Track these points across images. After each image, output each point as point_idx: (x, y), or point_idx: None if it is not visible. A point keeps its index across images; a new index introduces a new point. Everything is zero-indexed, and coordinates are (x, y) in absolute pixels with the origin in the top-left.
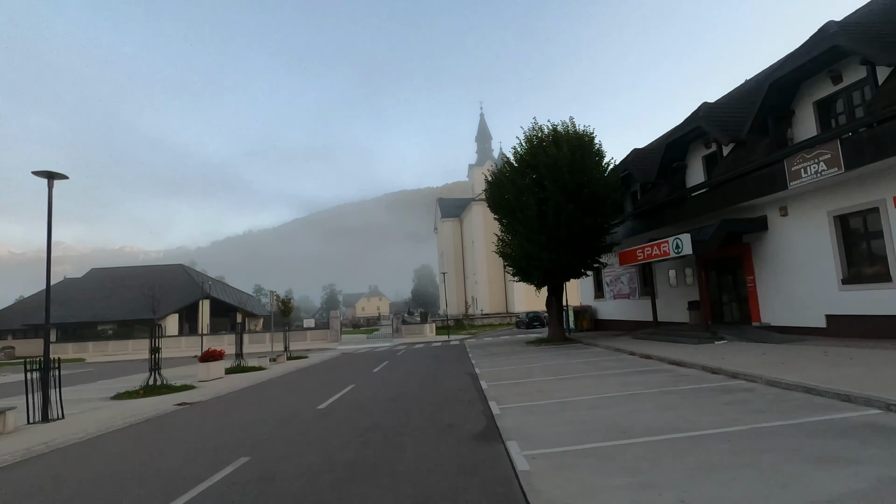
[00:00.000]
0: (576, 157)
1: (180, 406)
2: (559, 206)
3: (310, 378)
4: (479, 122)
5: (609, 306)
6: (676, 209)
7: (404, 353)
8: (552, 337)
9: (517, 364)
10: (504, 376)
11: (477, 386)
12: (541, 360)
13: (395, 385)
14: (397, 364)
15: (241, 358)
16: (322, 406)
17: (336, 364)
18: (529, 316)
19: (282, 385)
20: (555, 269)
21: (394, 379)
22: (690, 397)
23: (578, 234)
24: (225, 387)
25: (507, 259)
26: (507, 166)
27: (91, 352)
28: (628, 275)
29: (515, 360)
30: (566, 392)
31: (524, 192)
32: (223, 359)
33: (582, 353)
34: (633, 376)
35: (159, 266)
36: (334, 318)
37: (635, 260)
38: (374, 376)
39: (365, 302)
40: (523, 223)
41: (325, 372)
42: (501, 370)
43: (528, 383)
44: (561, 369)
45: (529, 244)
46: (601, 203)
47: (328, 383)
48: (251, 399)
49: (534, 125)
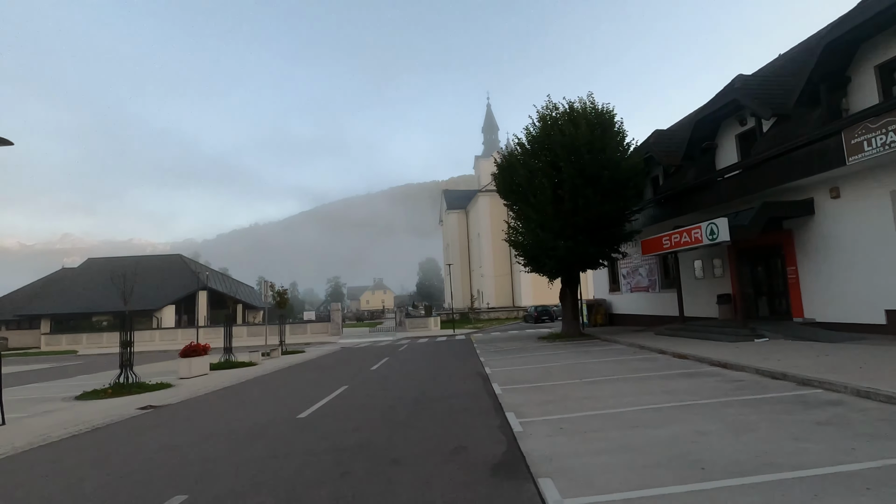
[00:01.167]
0: (595, 137)
1: (144, 410)
2: (576, 190)
3: (300, 376)
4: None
5: (625, 300)
6: (705, 193)
7: (407, 349)
8: (567, 332)
9: (532, 363)
10: (519, 378)
11: (489, 390)
12: (558, 359)
13: (394, 387)
14: (398, 361)
15: (229, 352)
16: (303, 414)
17: (332, 360)
18: (538, 310)
19: (266, 385)
20: (570, 258)
21: (393, 379)
22: (764, 412)
23: (596, 220)
24: (203, 386)
25: (517, 248)
26: (518, 148)
27: (85, 343)
28: (647, 266)
29: (529, 358)
30: (599, 400)
31: (537, 176)
32: (208, 353)
33: (603, 350)
34: (674, 381)
35: (157, 256)
36: (335, 310)
37: (660, 249)
38: (372, 376)
39: (369, 295)
40: (536, 209)
41: (318, 369)
42: (515, 370)
43: (549, 388)
44: (584, 370)
45: (543, 231)
46: (622, 187)
47: (318, 383)
48: (226, 402)
49: (548, 103)
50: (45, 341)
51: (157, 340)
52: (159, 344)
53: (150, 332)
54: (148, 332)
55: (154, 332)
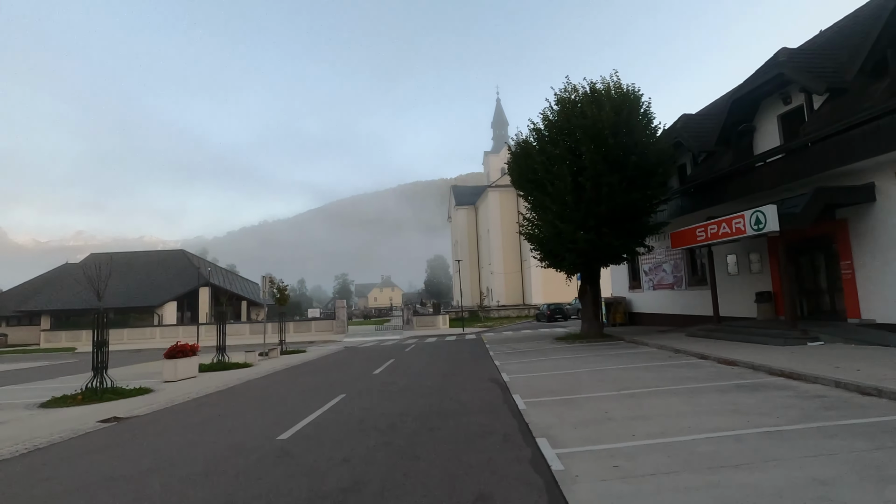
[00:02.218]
0: (620, 119)
1: (105, 424)
2: (599, 178)
3: (294, 381)
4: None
5: (647, 298)
6: (742, 181)
7: (414, 349)
8: (587, 332)
9: (554, 368)
10: (543, 387)
11: (510, 403)
12: (583, 363)
13: (397, 398)
14: (404, 364)
15: (223, 353)
16: (285, 435)
17: (333, 361)
18: (551, 308)
19: (254, 391)
20: (592, 251)
21: (396, 387)
22: (888, 447)
23: (621, 210)
24: (185, 392)
25: (533, 242)
26: (534, 134)
27: (84, 340)
28: (672, 262)
29: (550, 362)
30: (651, 422)
31: (556, 162)
32: (196, 354)
33: (632, 354)
34: (735, 395)
35: (160, 251)
36: (340, 307)
37: (693, 241)
38: (373, 382)
39: (377, 292)
40: (554, 198)
41: (315, 372)
42: (537, 377)
43: (582, 402)
44: (619, 379)
45: (562, 223)
46: (649, 174)
47: (312, 391)
48: (201, 415)
49: (567, 84)
50: (44, 338)
51: (158, 338)
52: (160, 341)
53: (151, 328)
54: (149, 329)
55: (155, 329)
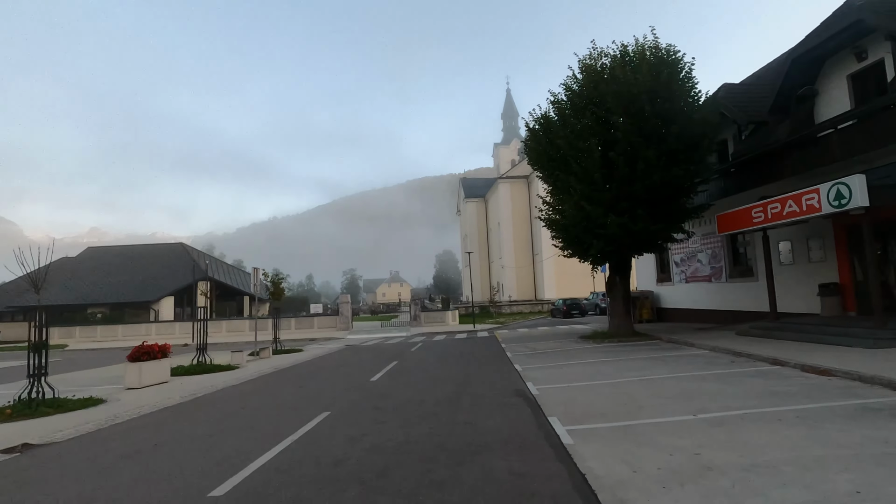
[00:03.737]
0: (658, 83)
1: (7, 455)
2: (633, 152)
3: (275, 390)
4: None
5: (679, 292)
6: (804, 153)
7: (420, 349)
8: (617, 330)
9: (591, 375)
10: (588, 405)
11: (547, 432)
12: (627, 369)
13: (394, 421)
14: (408, 368)
15: (203, 352)
16: (219, 491)
17: (329, 363)
18: (567, 303)
19: (220, 405)
20: (624, 238)
21: (395, 402)
22: None
23: (659, 189)
24: (138, 406)
25: (554, 228)
26: (554, 107)
27: (77, 337)
28: (710, 251)
29: (582, 366)
30: (790, 481)
31: (582, 136)
32: (168, 356)
33: (681, 358)
34: (869, 423)
35: (158, 245)
36: (344, 303)
37: (747, 224)
38: (367, 394)
39: (386, 288)
40: (581, 177)
41: (304, 378)
42: (573, 388)
43: (651, 432)
44: (684, 392)
45: (590, 205)
46: (693, 146)
47: (289, 407)
48: (132, 444)
49: (592, 50)
50: (36, 335)
51: (154, 334)
52: (155, 338)
53: (147, 325)
54: (144, 326)
55: (150, 325)
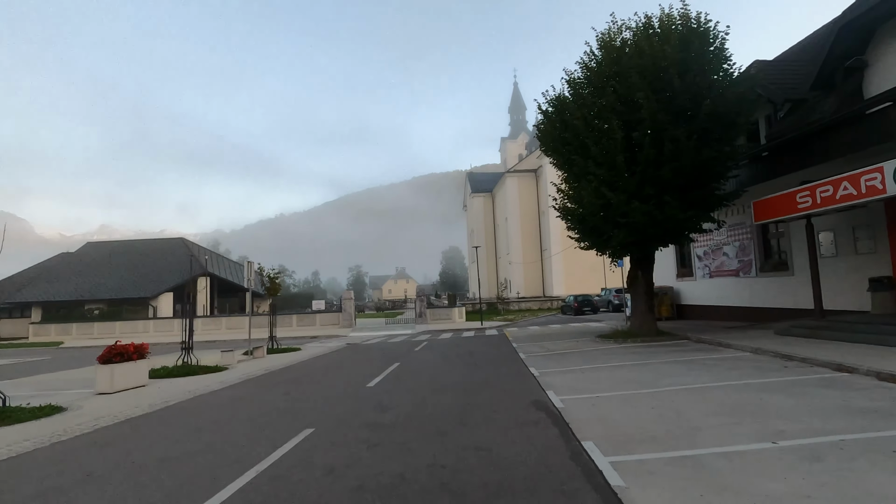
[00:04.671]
0: (690, 54)
1: None
2: (661, 131)
3: (257, 399)
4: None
5: (701, 288)
6: (852, 132)
7: (425, 348)
8: (640, 329)
9: (622, 382)
10: (629, 424)
11: (584, 463)
12: (663, 376)
13: (389, 444)
14: (411, 370)
15: (189, 352)
16: None
17: (325, 364)
18: (579, 300)
19: (189, 418)
20: (650, 227)
21: (393, 417)
22: None
23: (689, 173)
24: (95, 418)
25: (570, 218)
26: (570, 87)
27: (74, 334)
28: (738, 243)
29: (608, 370)
30: None
31: (602, 116)
32: (146, 357)
33: (721, 361)
34: None
35: (158, 240)
36: (347, 299)
37: (791, 210)
38: (362, 405)
39: (392, 284)
40: (601, 161)
41: (295, 382)
42: (604, 399)
43: (727, 469)
44: (742, 408)
45: (611, 191)
46: (728, 125)
47: (267, 421)
48: (63, 473)
49: (612, 24)
50: (32, 331)
51: (152, 331)
52: (153, 335)
53: (145, 322)
54: (142, 323)
55: (148, 322)
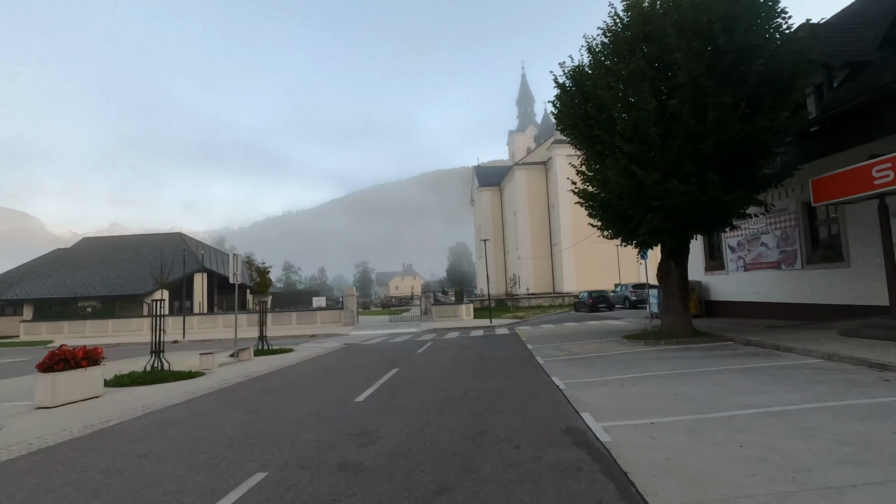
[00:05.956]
0: (738, 4)
1: None
2: (703, 97)
3: (214, 422)
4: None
5: (734, 282)
6: None
7: (429, 350)
8: (674, 329)
9: (682, 405)
10: (726, 485)
11: None
12: (731, 394)
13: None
14: (410, 379)
15: (159, 355)
16: None
17: (315, 369)
18: (594, 296)
19: (126, 448)
20: (688, 211)
21: (376, 452)
22: None
23: (736, 147)
24: (7, 446)
25: (592, 204)
26: (592, 55)
27: (66, 333)
28: (779, 231)
29: (655, 385)
30: None
31: (630, 84)
32: (100, 363)
33: (794, 372)
34: None
35: (155, 235)
36: (349, 296)
37: (867, 188)
38: (340, 433)
39: (398, 281)
40: (630, 136)
41: (268, 396)
42: (662, 428)
43: None
44: (886, 449)
45: (642, 170)
46: (783, 91)
47: (209, 464)
48: None
49: None
50: (23, 329)
51: (146, 329)
52: (147, 334)
53: (139, 319)
54: (135, 321)
55: (142, 319)
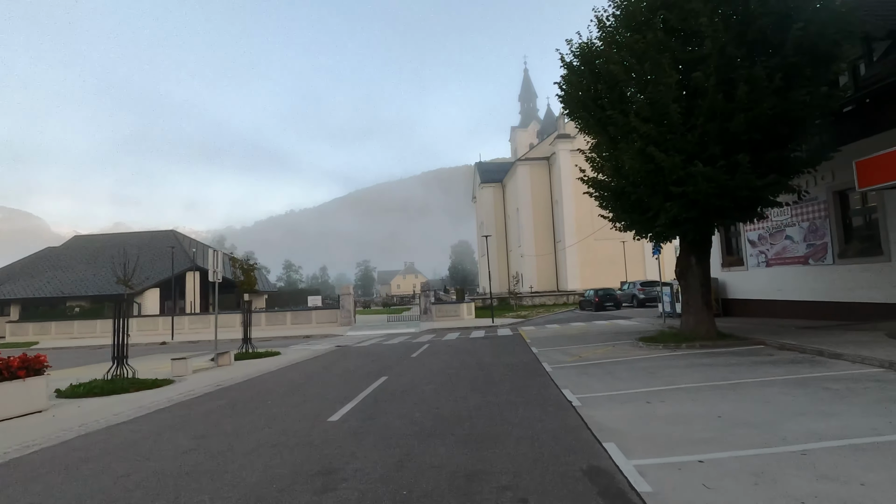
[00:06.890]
0: None
1: None
2: (731, 69)
3: (143, 452)
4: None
5: (755, 279)
6: None
7: (425, 353)
8: (695, 331)
9: (733, 430)
10: None
11: None
12: (788, 415)
13: None
14: (396, 394)
15: (123, 362)
16: None
17: (291, 379)
18: (600, 294)
19: (28, 488)
20: (714, 198)
21: (335, 499)
22: None
23: (769, 125)
24: None
25: (603, 193)
26: (601, 29)
27: (53, 333)
28: (806, 223)
29: (690, 401)
30: None
31: (647, 57)
32: (43, 373)
33: (855, 385)
34: None
35: (147, 232)
36: (345, 294)
37: None
38: (300, 469)
39: (400, 279)
40: (647, 115)
41: (225, 414)
42: (720, 472)
43: None
44: None
45: (661, 152)
46: (823, 60)
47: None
48: None
49: None
50: (9, 330)
51: (135, 330)
52: (136, 335)
53: (129, 320)
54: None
55: (132, 320)
